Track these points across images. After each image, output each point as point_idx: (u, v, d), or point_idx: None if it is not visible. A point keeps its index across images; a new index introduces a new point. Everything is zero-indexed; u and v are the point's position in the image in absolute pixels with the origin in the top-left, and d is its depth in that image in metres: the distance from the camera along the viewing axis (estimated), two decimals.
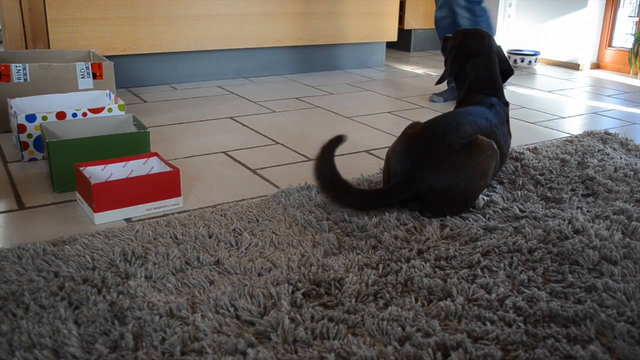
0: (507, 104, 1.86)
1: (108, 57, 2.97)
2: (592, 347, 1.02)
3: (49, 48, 2.91)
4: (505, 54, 4.27)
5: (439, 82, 1.95)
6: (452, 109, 1.91)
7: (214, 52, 3.44)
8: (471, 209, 1.59)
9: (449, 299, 1.17)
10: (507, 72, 1.95)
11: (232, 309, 1.12)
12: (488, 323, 1.09)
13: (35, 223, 1.53)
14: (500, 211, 1.59)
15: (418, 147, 1.54)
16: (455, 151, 1.51)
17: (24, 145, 1.95)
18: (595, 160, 2.02)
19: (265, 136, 2.36)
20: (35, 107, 2.12)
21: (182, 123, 2.54)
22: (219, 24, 3.33)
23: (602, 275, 1.28)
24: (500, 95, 1.85)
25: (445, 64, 1.97)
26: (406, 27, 4.76)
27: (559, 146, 2.19)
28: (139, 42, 3.14)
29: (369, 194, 1.57)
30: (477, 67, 1.86)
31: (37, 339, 1.01)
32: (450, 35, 2.03)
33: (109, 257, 1.31)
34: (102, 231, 1.44)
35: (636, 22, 3.98)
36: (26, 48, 3.02)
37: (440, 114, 1.82)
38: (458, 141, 1.53)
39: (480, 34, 1.90)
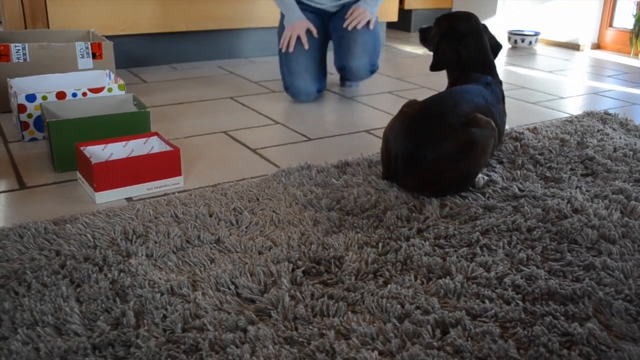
0: (500, 82, 1.85)
1: (107, 37, 2.95)
2: (590, 324, 1.02)
3: (48, 28, 2.89)
4: (506, 34, 4.25)
5: (434, 68, 1.91)
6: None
7: (214, 32, 3.41)
8: (471, 188, 1.59)
9: (448, 277, 1.17)
10: (496, 47, 1.92)
11: (232, 287, 1.12)
12: (487, 301, 1.09)
13: (37, 202, 1.53)
14: (499, 190, 1.59)
15: (418, 127, 1.53)
16: (455, 129, 1.51)
17: (24, 125, 1.95)
18: (595, 140, 2.01)
19: (265, 116, 2.35)
20: (35, 87, 2.10)
21: (182, 103, 2.52)
22: (220, 3, 3.30)
23: (601, 253, 1.28)
24: (494, 74, 1.84)
25: (435, 52, 1.93)
26: (406, 7, 4.72)
27: (559, 126, 2.18)
28: (139, 22, 3.12)
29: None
30: (469, 47, 1.84)
31: (40, 317, 1.02)
32: (426, 26, 2.01)
33: (110, 235, 1.31)
34: (103, 210, 1.43)
35: (637, 2, 3.95)
36: (25, 28, 3.00)
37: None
38: (457, 119, 1.53)
39: (467, 15, 1.88)
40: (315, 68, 2.55)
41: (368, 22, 2.55)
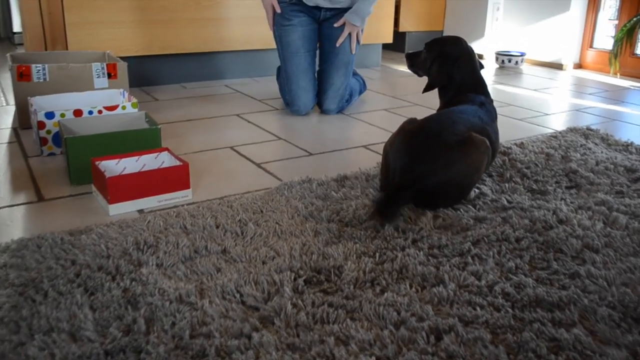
0: (492, 101, 1.84)
1: (122, 58, 2.94)
2: (576, 330, 1.01)
3: (67, 50, 2.89)
4: (494, 55, 4.25)
5: (426, 90, 1.91)
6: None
7: (221, 53, 3.41)
8: (462, 200, 1.58)
9: (441, 285, 1.16)
10: (480, 67, 1.93)
11: (237, 295, 1.10)
12: (478, 308, 1.08)
13: (54, 214, 1.52)
14: (489, 202, 1.58)
15: (416, 143, 1.52)
16: (451, 147, 1.50)
17: (43, 141, 1.94)
18: (578, 155, 2.00)
19: (269, 132, 2.34)
20: (54, 105, 2.10)
21: (191, 120, 2.52)
22: (227, 26, 3.31)
23: (585, 262, 1.27)
24: (487, 93, 1.83)
25: (427, 74, 1.92)
26: (401, 29, 4.72)
27: (544, 141, 2.18)
28: (151, 44, 3.12)
29: (384, 203, 1.46)
30: (462, 69, 1.83)
31: (55, 324, 1.00)
32: (412, 51, 2.01)
33: (123, 246, 1.29)
34: (116, 222, 1.42)
35: (615, 25, 3.95)
36: (46, 49, 3.00)
37: (434, 111, 1.81)
38: (454, 138, 1.52)
39: (457, 39, 1.87)
40: (313, 84, 2.65)
41: (350, 46, 2.62)
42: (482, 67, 1.94)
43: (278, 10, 2.58)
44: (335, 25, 2.57)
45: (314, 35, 2.63)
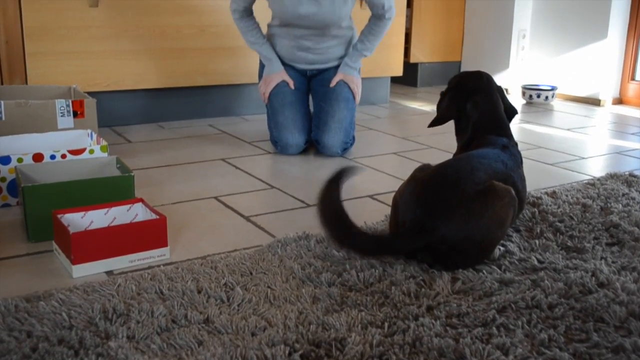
0: (516, 143, 1.87)
1: (90, 93, 2.99)
2: None
3: (27, 84, 2.95)
4: (520, 89, 4.33)
5: (432, 124, 1.95)
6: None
7: (205, 88, 3.47)
8: (485, 260, 1.59)
9: None
10: (510, 111, 1.95)
11: None
12: None
13: (7, 276, 1.52)
14: (516, 262, 1.59)
15: (429, 193, 1.54)
16: (470, 198, 1.52)
17: None
18: (620, 206, 2.02)
19: (259, 179, 2.37)
20: (10, 148, 2.12)
21: (169, 165, 2.55)
22: (211, 57, 3.37)
23: (631, 333, 1.27)
24: (510, 135, 1.86)
25: (438, 109, 1.97)
26: (412, 60, 4.82)
27: (580, 190, 2.20)
28: (124, 78, 3.18)
29: (376, 240, 1.57)
30: (479, 105, 1.86)
31: None
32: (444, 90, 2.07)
33: (88, 314, 1.30)
34: (81, 285, 1.43)
35: None
36: (2, 84, 3.05)
37: (450, 155, 1.84)
38: (473, 187, 1.54)
39: (478, 73, 1.93)
40: (302, 120, 2.75)
41: (349, 88, 2.79)
42: (514, 112, 1.96)
43: (292, 87, 2.77)
44: (331, 85, 2.78)
45: (303, 82, 2.87)
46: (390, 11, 2.74)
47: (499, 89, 1.94)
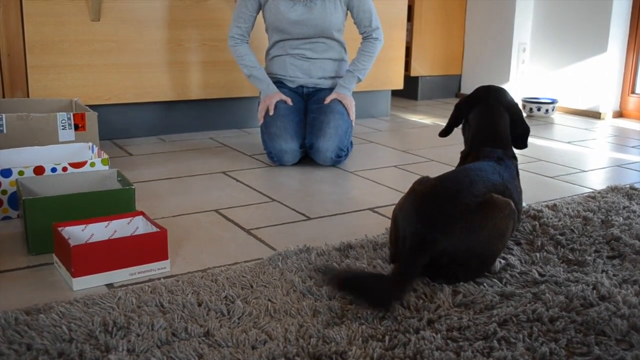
0: (515, 157, 1.87)
1: (92, 106, 3.01)
2: None
3: (28, 97, 2.96)
4: (521, 102, 4.33)
5: (441, 134, 2.01)
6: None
7: (206, 101, 3.49)
8: (486, 273, 1.59)
9: None
10: (521, 128, 1.92)
11: None
12: None
13: (7, 289, 1.52)
14: (517, 275, 1.59)
15: (429, 206, 1.54)
16: (471, 211, 1.52)
17: None
18: (621, 219, 2.02)
19: (260, 192, 2.37)
20: (11, 161, 2.13)
21: (170, 178, 2.55)
22: (212, 70, 3.39)
23: (632, 347, 1.27)
24: (507, 147, 1.86)
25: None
26: (412, 74, 4.83)
27: (581, 203, 2.20)
28: (125, 91, 3.19)
29: (392, 284, 1.45)
30: (479, 117, 1.88)
31: None
32: None
33: (88, 327, 1.30)
34: (81, 298, 1.43)
35: None
36: (3, 97, 3.06)
37: (450, 168, 1.84)
38: (473, 200, 1.54)
39: (488, 87, 1.95)
40: (295, 128, 2.78)
41: (343, 105, 2.84)
42: (526, 130, 1.94)
43: (271, 113, 2.81)
44: (325, 102, 2.83)
45: (300, 101, 2.93)
46: (377, 31, 2.89)
47: (512, 105, 1.92)
